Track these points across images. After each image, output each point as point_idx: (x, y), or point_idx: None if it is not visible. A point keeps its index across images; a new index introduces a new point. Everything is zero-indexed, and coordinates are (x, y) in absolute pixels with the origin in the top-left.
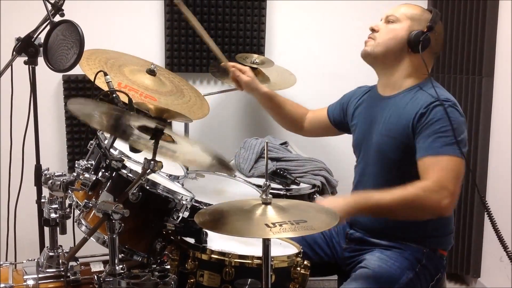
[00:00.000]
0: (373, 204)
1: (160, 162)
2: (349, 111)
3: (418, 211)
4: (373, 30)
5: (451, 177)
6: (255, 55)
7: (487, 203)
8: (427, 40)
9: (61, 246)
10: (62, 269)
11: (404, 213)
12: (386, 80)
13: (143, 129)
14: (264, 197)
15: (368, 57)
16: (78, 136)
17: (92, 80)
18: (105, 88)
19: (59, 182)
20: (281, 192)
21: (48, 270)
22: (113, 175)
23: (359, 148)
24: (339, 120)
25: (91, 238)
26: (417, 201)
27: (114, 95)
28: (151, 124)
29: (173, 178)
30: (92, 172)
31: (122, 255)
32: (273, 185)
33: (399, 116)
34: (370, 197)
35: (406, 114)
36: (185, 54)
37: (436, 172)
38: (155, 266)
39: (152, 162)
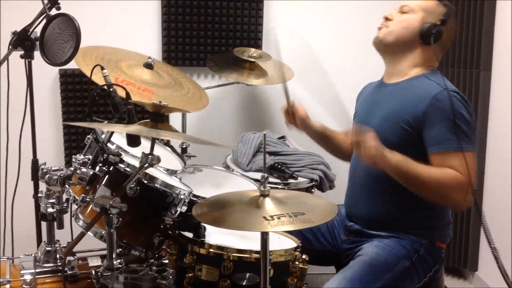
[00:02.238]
0: (410, 170)
1: (157, 156)
2: (357, 106)
3: (443, 197)
4: (386, 18)
5: (474, 176)
6: (253, 49)
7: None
8: (439, 33)
9: (58, 240)
10: (59, 263)
11: (429, 192)
12: (392, 68)
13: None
14: (262, 188)
15: (379, 44)
16: (75, 130)
17: (88, 75)
18: (102, 82)
19: (56, 177)
20: (279, 187)
21: (45, 265)
22: (111, 169)
23: None
24: None
25: (88, 232)
26: (449, 189)
27: (111, 89)
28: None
29: (171, 172)
30: (90, 167)
31: (120, 249)
32: (271, 179)
33: (403, 102)
34: (409, 163)
35: (413, 101)
36: (183, 48)
37: (464, 169)
38: (153, 260)
39: (149, 156)
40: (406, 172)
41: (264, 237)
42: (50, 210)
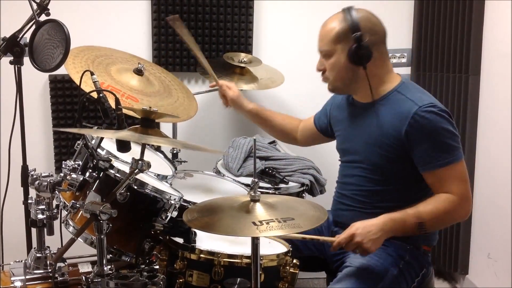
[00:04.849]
0: (408, 225)
1: (148, 162)
2: (332, 116)
3: (447, 223)
4: (320, 70)
5: (467, 184)
6: (243, 54)
7: None
8: (363, 50)
9: (48, 247)
10: (49, 270)
11: (435, 228)
12: (359, 94)
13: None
14: (253, 194)
15: (334, 92)
16: (65, 136)
17: (74, 79)
18: (92, 88)
19: (46, 183)
20: (270, 191)
21: (35, 271)
22: (101, 175)
23: (342, 153)
24: (325, 127)
25: (78, 238)
26: (448, 215)
27: (100, 95)
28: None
29: (161, 177)
30: (79, 173)
31: (110, 255)
32: (262, 184)
33: (384, 125)
34: (405, 219)
35: (392, 123)
36: (173, 53)
37: (456, 184)
38: (143, 266)
39: (140, 162)
40: (406, 230)
41: (255, 242)
42: (40, 216)
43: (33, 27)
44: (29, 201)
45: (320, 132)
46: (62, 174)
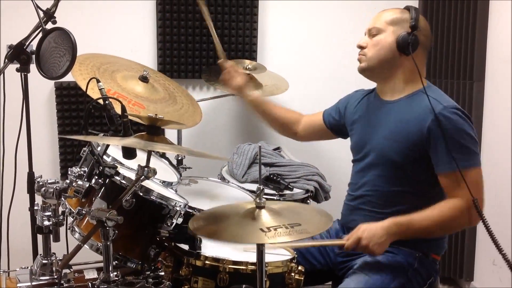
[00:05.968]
0: (413, 230)
1: (153, 168)
2: (347, 115)
3: (454, 229)
4: (360, 47)
5: (478, 190)
6: (248, 61)
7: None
8: (414, 40)
9: (54, 253)
10: (55, 276)
11: (441, 233)
12: (384, 85)
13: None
14: (258, 201)
15: (365, 72)
16: (71, 143)
17: (82, 87)
18: (97, 95)
19: (52, 190)
20: (275, 198)
21: (41, 277)
22: (106, 182)
23: (358, 151)
24: (335, 124)
25: (84, 245)
26: (454, 222)
27: (106, 102)
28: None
29: (167, 184)
30: (85, 179)
31: (116, 262)
32: (267, 191)
33: (406, 121)
34: (410, 224)
35: (415, 120)
36: (178, 60)
37: (471, 189)
38: (149, 273)
39: (145, 168)
40: (411, 234)
41: (260, 248)
42: (46, 223)
43: (40, 35)
44: (35, 207)
45: (329, 128)
46: (68, 181)
